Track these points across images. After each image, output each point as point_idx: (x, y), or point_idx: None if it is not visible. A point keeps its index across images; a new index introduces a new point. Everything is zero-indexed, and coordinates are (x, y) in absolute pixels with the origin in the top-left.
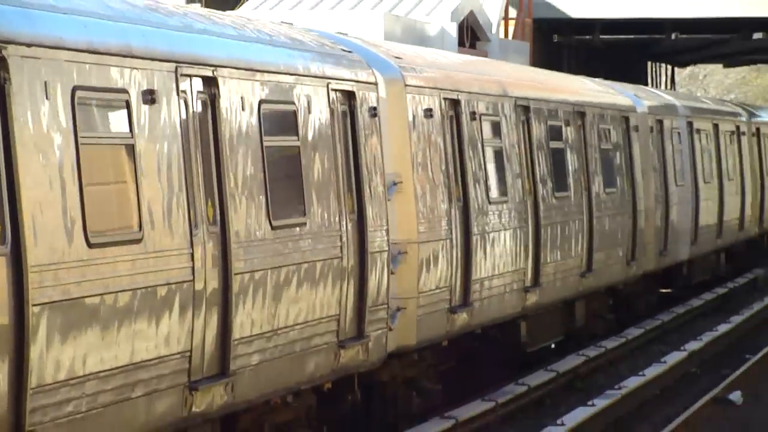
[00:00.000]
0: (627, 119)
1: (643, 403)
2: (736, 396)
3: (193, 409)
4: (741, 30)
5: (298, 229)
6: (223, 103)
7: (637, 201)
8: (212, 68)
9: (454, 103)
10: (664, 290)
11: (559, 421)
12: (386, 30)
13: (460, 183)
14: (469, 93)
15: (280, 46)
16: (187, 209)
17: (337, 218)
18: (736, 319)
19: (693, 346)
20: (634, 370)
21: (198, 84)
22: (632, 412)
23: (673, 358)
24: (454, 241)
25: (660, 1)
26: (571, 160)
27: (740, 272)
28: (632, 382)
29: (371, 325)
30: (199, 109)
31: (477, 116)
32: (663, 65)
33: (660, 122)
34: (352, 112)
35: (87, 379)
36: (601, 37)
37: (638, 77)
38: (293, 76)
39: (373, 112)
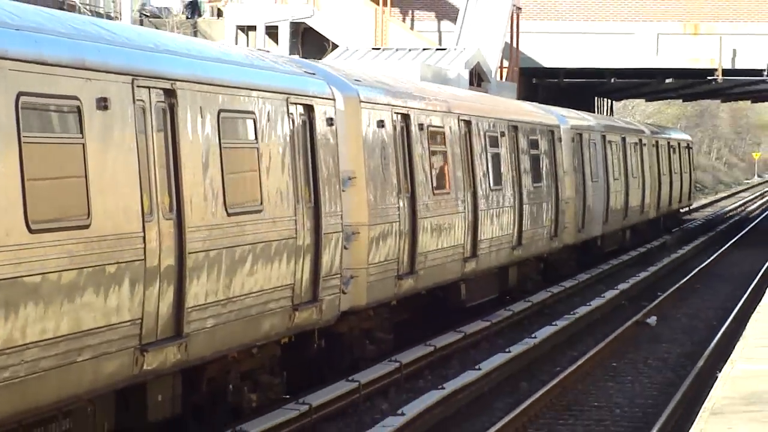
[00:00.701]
0: (553, 132)
1: (588, 324)
2: (652, 320)
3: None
4: (657, 76)
5: (253, 215)
6: (181, 111)
7: (559, 193)
8: (171, 81)
9: (405, 117)
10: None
11: (507, 349)
12: (421, 74)
13: (408, 179)
14: (418, 109)
15: (245, 65)
16: (140, 199)
17: (293, 206)
18: (652, 269)
19: (623, 286)
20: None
21: (158, 95)
22: (579, 332)
23: (611, 293)
24: (402, 224)
25: (603, 56)
26: (505, 162)
27: (643, 243)
28: (582, 311)
29: (325, 291)
30: (159, 115)
31: (424, 127)
32: (605, 99)
33: (580, 135)
34: (310, 122)
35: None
36: (564, 80)
37: (588, 108)
38: (253, 91)
39: (330, 121)
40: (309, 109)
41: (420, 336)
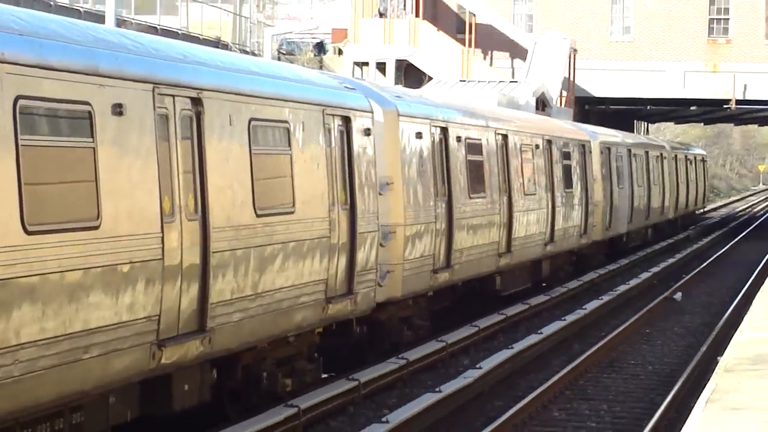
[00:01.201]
0: (584, 146)
1: (626, 300)
2: (678, 296)
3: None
4: (683, 105)
5: (284, 216)
6: (207, 119)
7: (589, 197)
8: (197, 90)
9: (444, 130)
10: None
11: (539, 331)
12: (498, 101)
13: (445, 184)
14: (456, 123)
15: (279, 78)
16: (159, 201)
17: (327, 208)
18: (678, 256)
19: (655, 269)
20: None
21: (184, 102)
22: (619, 306)
23: (644, 276)
24: (439, 224)
25: (641, 88)
26: (539, 171)
27: (663, 239)
28: (621, 288)
29: (360, 284)
30: (184, 122)
31: (462, 139)
32: (642, 122)
33: (609, 149)
34: (347, 132)
35: None
36: (610, 107)
37: (629, 129)
38: (287, 102)
39: (368, 132)
40: (346, 121)
41: (465, 320)
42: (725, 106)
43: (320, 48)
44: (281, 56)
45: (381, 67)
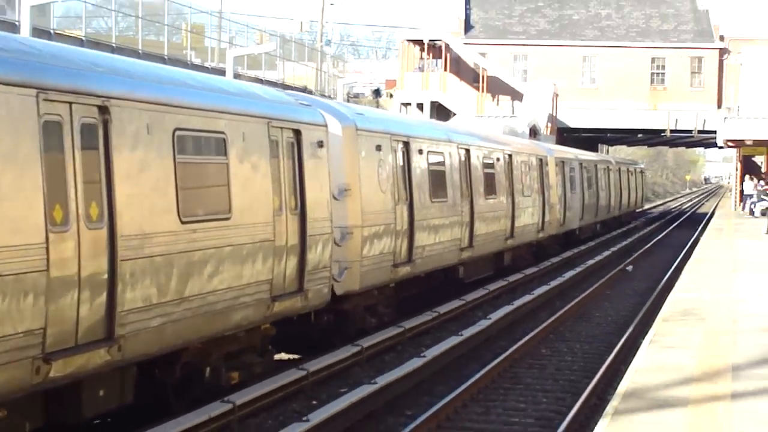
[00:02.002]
0: (542, 160)
1: (592, 270)
2: (629, 268)
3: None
4: (632, 133)
5: (218, 222)
6: (117, 127)
7: (546, 200)
8: (103, 99)
9: (406, 143)
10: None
11: (488, 317)
12: (502, 130)
13: (407, 190)
14: (417, 138)
15: (217, 92)
16: (44, 209)
17: (270, 213)
18: (629, 239)
19: (612, 250)
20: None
21: (88, 110)
22: (587, 275)
23: (603, 255)
24: (399, 225)
25: (603, 121)
26: (500, 179)
27: (611, 231)
28: (589, 262)
29: (311, 282)
30: (88, 130)
31: (423, 152)
32: (604, 145)
33: (563, 162)
34: (298, 143)
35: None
36: (581, 134)
37: (594, 149)
38: (224, 113)
39: (320, 143)
40: (296, 133)
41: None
42: (662, 134)
43: (377, 93)
44: (349, 99)
45: (420, 106)
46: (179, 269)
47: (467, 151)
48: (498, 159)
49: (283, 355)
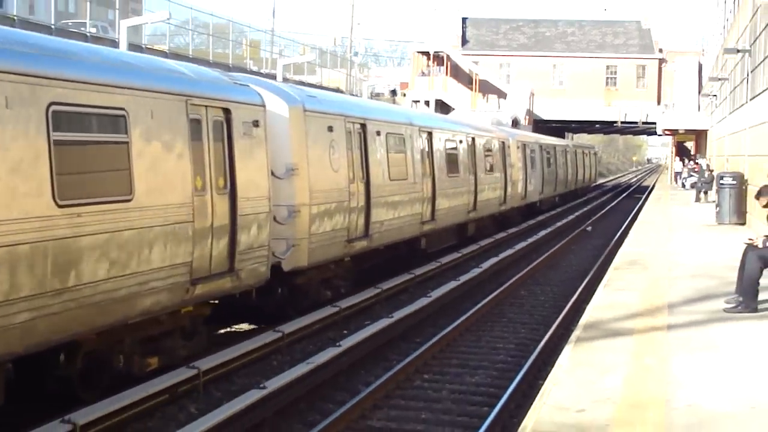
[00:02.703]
0: (504, 143)
1: (560, 231)
2: (589, 228)
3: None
4: (592, 124)
5: (116, 205)
6: None
7: (507, 177)
8: None
9: (363, 125)
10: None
11: (480, 266)
12: (491, 121)
13: (364, 169)
14: (375, 120)
15: (115, 64)
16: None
17: (188, 194)
18: (588, 207)
19: (577, 213)
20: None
21: None
22: (556, 234)
23: (565, 220)
24: (354, 202)
25: (569, 114)
26: (463, 159)
27: (569, 203)
28: (558, 224)
29: (245, 262)
30: None
31: (381, 133)
32: (570, 133)
33: (524, 145)
34: (228, 122)
35: None
36: (552, 125)
37: (562, 136)
38: (125, 89)
39: (256, 123)
40: (226, 112)
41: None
42: (614, 125)
43: (393, 93)
44: (372, 97)
45: (426, 103)
46: (57, 257)
47: (429, 134)
48: (461, 141)
49: (244, 326)
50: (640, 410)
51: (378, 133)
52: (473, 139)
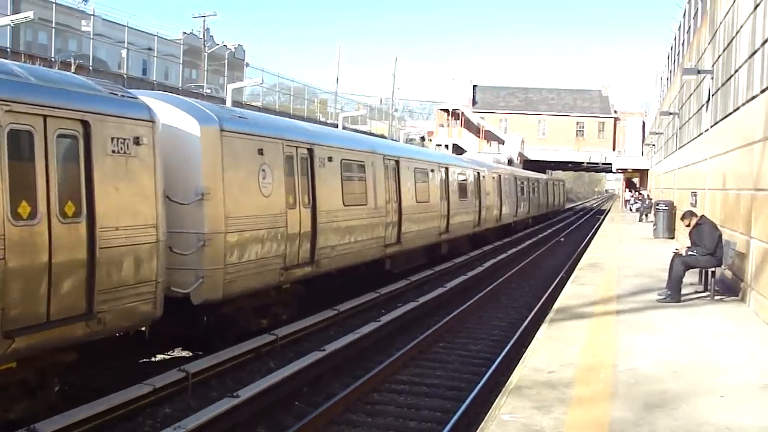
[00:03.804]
0: (479, 173)
1: (538, 241)
2: (562, 239)
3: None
4: (566, 164)
5: None
6: None
7: (482, 203)
8: None
9: (309, 150)
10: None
11: (482, 265)
12: (493, 160)
13: (310, 195)
14: (324, 146)
15: None
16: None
17: None
18: (560, 224)
19: (552, 229)
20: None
21: None
22: (534, 244)
23: (544, 233)
24: (294, 228)
25: (548, 156)
26: (434, 187)
27: (543, 222)
28: (539, 236)
29: (113, 302)
30: None
31: (335, 160)
32: (549, 171)
33: (499, 176)
34: (87, 138)
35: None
36: (537, 164)
37: (543, 172)
38: None
39: (137, 140)
40: (84, 125)
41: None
42: (582, 164)
43: (422, 139)
44: (407, 142)
45: (446, 146)
46: None
47: (396, 162)
48: (432, 171)
49: (184, 353)
50: (594, 372)
51: (329, 159)
52: (446, 169)
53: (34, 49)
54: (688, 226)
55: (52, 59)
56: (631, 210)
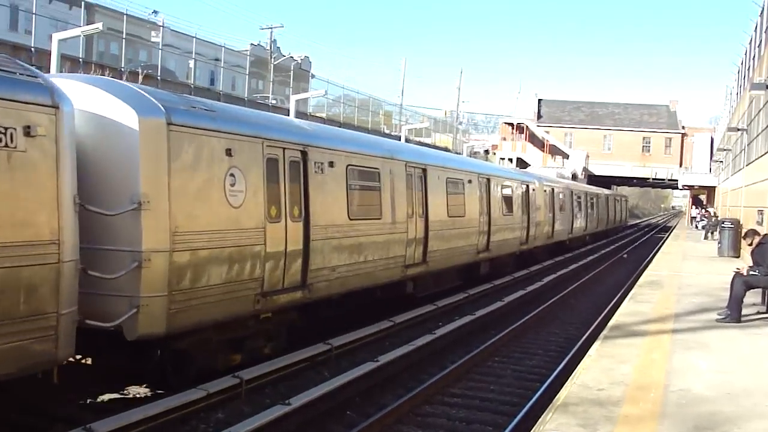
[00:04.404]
0: (528, 186)
1: (601, 257)
2: (625, 255)
3: None
4: (630, 180)
5: None
6: None
7: (530, 219)
8: None
9: (303, 152)
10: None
11: (541, 280)
12: (556, 174)
13: (301, 206)
14: (325, 149)
15: None
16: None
17: None
18: (623, 241)
19: (616, 245)
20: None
21: None
22: (597, 260)
23: (607, 248)
24: (274, 246)
25: (614, 172)
26: (469, 200)
27: (600, 240)
28: (600, 252)
29: None
30: None
31: (338, 165)
32: (615, 186)
33: (552, 189)
34: None
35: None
36: (602, 179)
37: (609, 188)
38: None
39: (28, 130)
40: None
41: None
42: (648, 180)
43: (486, 152)
44: (471, 155)
45: (510, 160)
46: None
47: (424, 170)
48: (470, 181)
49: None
50: (644, 391)
51: (331, 164)
52: (487, 180)
53: (106, 59)
54: (751, 244)
55: (122, 69)
56: (696, 227)
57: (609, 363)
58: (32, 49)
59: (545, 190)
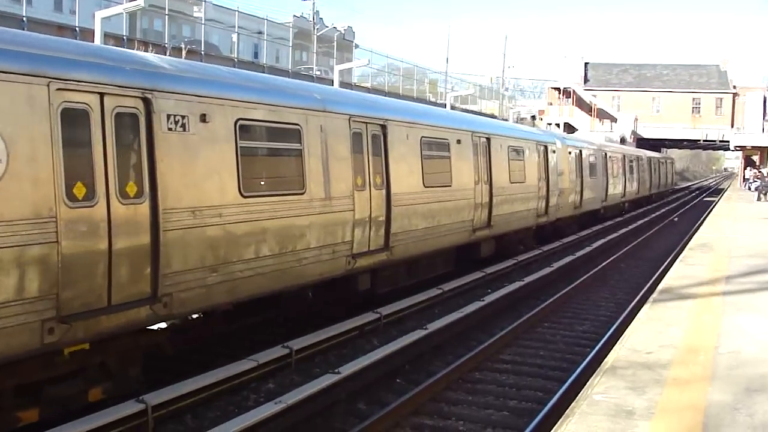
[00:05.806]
0: (546, 147)
1: (651, 221)
2: (675, 219)
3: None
4: (680, 142)
5: None
6: None
7: (550, 186)
8: None
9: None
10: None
11: (591, 245)
12: (605, 138)
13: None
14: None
15: None
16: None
17: None
18: (674, 204)
19: (667, 208)
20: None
21: None
22: (647, 224)
23: (656, 212)
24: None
25: (663, 134)
26: (461, 165)
27: (641, 207)
28: (649, 216)
29: None
30: None
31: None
32: (664, 149)
33: (580, 151)
34: None
35: None
36: (651, 142)
37: (658, 151)
38: None
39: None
40: None
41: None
42: (698, 142)
43: (533, 118)
44: (517, 121)
45: (557, 125)
46: None
47: (488, 139)
48: (459, 141)
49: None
50: (693, 354)
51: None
52: (488, 139)
53: (150, 36)
54: None
55: (165, 45)
56: (749, 189)
57: (658, 326)
58: (76, 28)
59: (570, 152)
